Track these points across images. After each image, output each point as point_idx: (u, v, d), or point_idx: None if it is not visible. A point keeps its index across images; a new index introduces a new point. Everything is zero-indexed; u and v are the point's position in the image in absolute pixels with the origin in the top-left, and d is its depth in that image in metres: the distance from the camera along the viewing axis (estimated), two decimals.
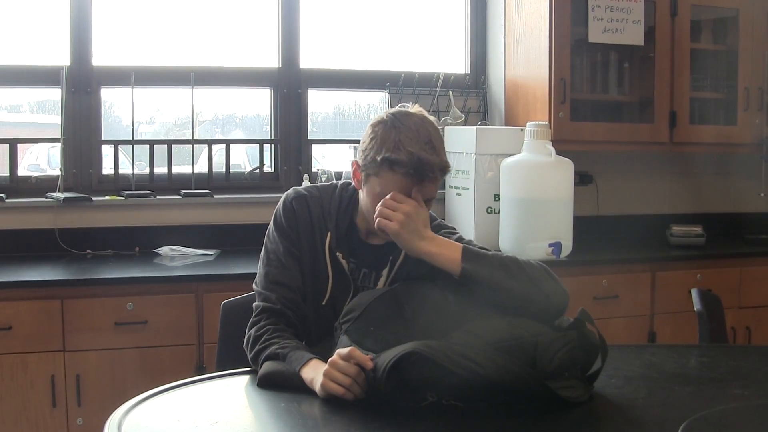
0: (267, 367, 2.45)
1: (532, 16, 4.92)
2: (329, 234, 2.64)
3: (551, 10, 4.76)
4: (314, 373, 2.34)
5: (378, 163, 2.49)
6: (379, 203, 2.49)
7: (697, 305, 3.37)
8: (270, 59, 5.10)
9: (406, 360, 2.16)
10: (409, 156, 2.45)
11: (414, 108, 2.59)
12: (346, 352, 2.26)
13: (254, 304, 2.65)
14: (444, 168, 2.53)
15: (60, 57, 4.75)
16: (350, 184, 2.71)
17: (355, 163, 2.60)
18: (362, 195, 2.61)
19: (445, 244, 2.51)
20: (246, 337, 2.59)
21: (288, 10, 5.08)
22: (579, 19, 4.82)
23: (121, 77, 4.78)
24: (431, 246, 2.50)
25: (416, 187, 2.50)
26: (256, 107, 5.35)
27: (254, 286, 2.70)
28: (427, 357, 2.14)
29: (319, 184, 2.80)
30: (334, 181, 2.80)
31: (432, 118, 2.58)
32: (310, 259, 2.65)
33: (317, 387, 2.30)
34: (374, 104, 5.58)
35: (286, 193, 2.75)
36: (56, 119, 4.77)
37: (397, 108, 2.60)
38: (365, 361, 2.23)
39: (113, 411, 2.26)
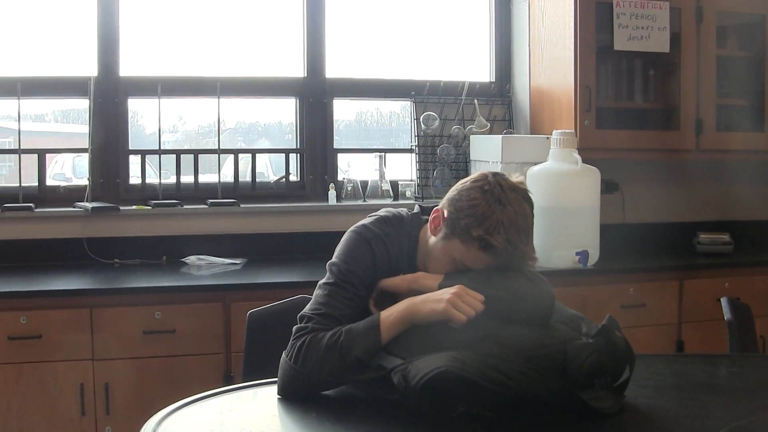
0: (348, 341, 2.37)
1: (557, 23, 4.91)
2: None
3: (576, 17, 4.75)
4: (403, 305, 2.40)
5: (471, 236, 2.41)
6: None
7: (727, 314, 3.35)
8: (295, 69, 5.12)
9: (438, 378, 2.16)
10: (505, 246, 2.39)
11: (517, 178, 2.51)
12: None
13: (296, 326, 2.48)
14: (531, 260, 2.49)
15: (87, 68, 4.77)
16: (413, 219, 2.63)
17: (441, 213, 2.51)
18: (433, 240, 2.53)
19: None
20: (295, 350, 2.42)
21: (313, 19, 5.09)
22: (604, 27, 4.80)
23: (147, 87, 4.81)
24: None
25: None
26: (278, 115, 5.36)
27: (305, 312, 2.50)
28: (460, 375, 2.14)
29: (383, 215, 2.63)
30: (397, 213, 2.66)
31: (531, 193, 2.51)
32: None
33: (425, 308, 2.35)
34: (396, 111, 5.59)
35: (359, 231, 2.58)
36: (80, 128, 4.80)
37: (501, 175, 2.49)
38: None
39: (141, 419, 2.27)
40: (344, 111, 5.37)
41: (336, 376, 2.37)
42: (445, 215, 2.49)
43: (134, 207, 4.71)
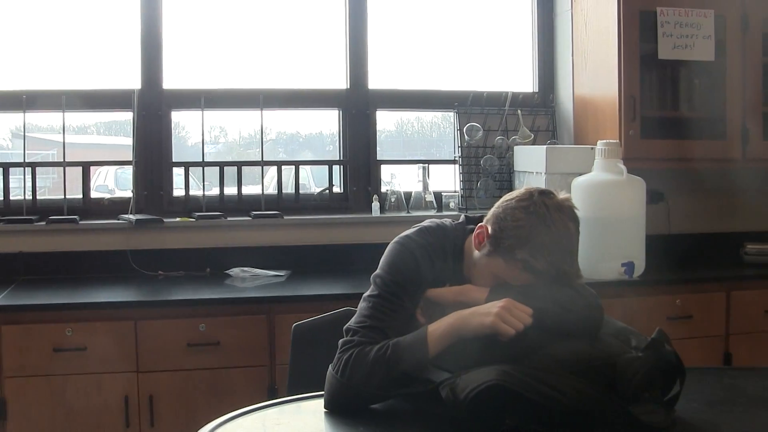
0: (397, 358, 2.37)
1: (600, 33, 4.88)
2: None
3: (619, 26, 4.71)
4: (451, 318, 2.38)
5: (515, 256, 2.40)
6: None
7: None
8: (338, 80, 5.12)
9: (487, 391, 2.14)
10: (549, 268, 2.38)
11: (563, 195, 2.48)
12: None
13: (342, 340, 2.48)
14: (576, 279, 2.48)
15: (131, 81, 4.80)
16: (457, 229, 2.62)
17: (485, 230, 2.49)
18: (477, 255, 2.52)
19: None
20: (341, 363, 2.42)
21: (355, 31, 5.10)
22: (647, 35, 4.76)
23: (190, 100, 4.83)
24: None
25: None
26: (319, 125, 5.37)
27: (351, 325, 2.50)
28: (509, 388, 2.12)
29: (426, 226, 2.63)
30: (441, 223, 2.65)
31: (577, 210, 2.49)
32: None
33: (473, 322, 2.34)
34: (437, 122, 5.58)
35: (402, 242, 2.57)
36: (123, 140, 4.83)
37: (548, 193, 2.47)
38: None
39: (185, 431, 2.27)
40: (385, 121, 5.36)
41: (383, 390, 2.36)
42: (489, 232, 2.48)
43: (178, 219, 4.73)
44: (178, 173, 4.91)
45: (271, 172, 5.10)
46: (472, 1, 5.35)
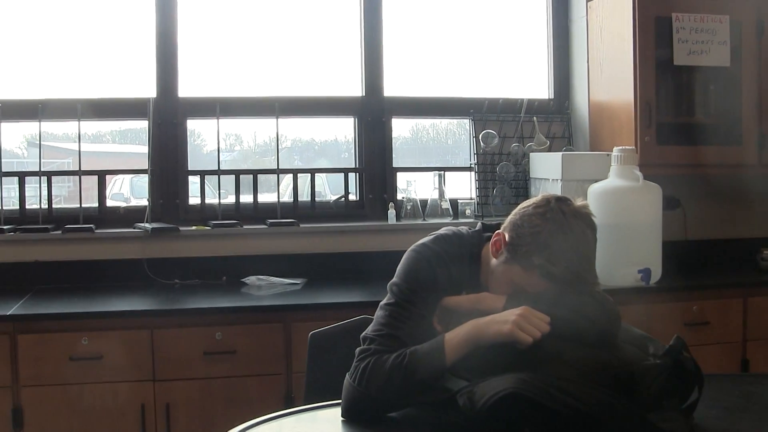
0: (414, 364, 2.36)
1: (616, 39, 4.87)
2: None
3: (635, 33, 4.71)
4: (468, 326, 2.37)
5: (532, 264, 2.40)
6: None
7: None
8: (353, 88, 5.13)
9: (504, 400, 2.14)
10: (566, 275, 2.38)
11: (580, 202, 2.47)
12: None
13: (360, 348, 2.46)
14: (594, 286, 2.47)
15: (146, 89, 4.81)
16: (474, 237, 2.62)
17: (502, 237, 2.48)
18: (494, 262, 2.51)
19: None
20: (359, 371, 2.41)
21: (371, 38, 5.11)
22: (663, 41, 4.75)
23: (206, 108, 4.84)
24: None
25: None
26: (334, 132, 5.37)
27: (368, 333, 2.49)
28: (527, 397, 2.12)
29: (442, 233, 2.62)
30: (457, 231, 2.64)
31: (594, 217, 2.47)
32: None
33: (491, 330, 2.32)
34: (452, 129, 5.57)
35: (419, 250, 2.56)
36: (137, 148, 4.85)
37: (565, 200, 2.46)
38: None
39: None
40: (400, 127, 5.36)
41: (400, 398, 2.36)
42: (507, 239, 2.47)
43: (194, 227, 4.74)
44: (193, 181, 4.91)
45: (287, 179, 5.10)
46: (487, 8, 5.35)
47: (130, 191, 5.39)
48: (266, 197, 5.03)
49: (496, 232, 2.52)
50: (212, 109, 4.79)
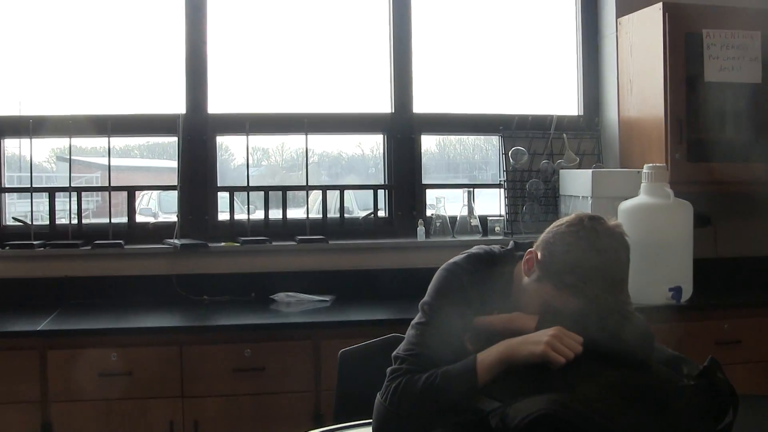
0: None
1: (646, 55, 4.85)
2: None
3: (665, 49, 4.68)
4: (500, 347, 2.35)
5: (564, 283, 2.38)
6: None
7: None
8: (383, 105, 5.13)
9: (538, 421, 2.12)
10: (598, 294, 2.34)
11: (614, 222, 2.45)
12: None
13: (391, 368, 2.45)
14: (626, 306, 2.44)
15: (176, 106, 4.83)
16: (506, 255, 2.61)
17: (534, 255, 2.47)
18: (526, 281, 2.49)
19: None
20: (390, 391, 2.40)
21: (400, 55, 5.11)
22: (693, 57, 4.72)
23: (235, 124, 4.85)
24: None
25: None
26: (361, 147, 5.37)
27: (399, 352, 2.47)
28: (561, 418, 2.10)
29: (474, 252, 2.61)
30: (489, 249, 2.63)
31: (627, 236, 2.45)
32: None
33: (523, 351, 2.30)
34: (480, 144, 5.56)
35: (450, 269, 2.56)
36: (165, 163, 4.86)
37: (598, 219, 2.43)
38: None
39: None
40: (426, 142, 5.34)
41: (432, 419, 2.34)
42: (539, 258, 2.45)
43: (223, 244, 4.74)
44: (222, 196, 4.92)
45: (315, 194, 5.09)
46: (516, 24, 5.34)
47: (158, 206, 5.40)
48: (294, 212, 5.03)
49: (528, 250, 2.51)
50: (241, 126, 4.80)
